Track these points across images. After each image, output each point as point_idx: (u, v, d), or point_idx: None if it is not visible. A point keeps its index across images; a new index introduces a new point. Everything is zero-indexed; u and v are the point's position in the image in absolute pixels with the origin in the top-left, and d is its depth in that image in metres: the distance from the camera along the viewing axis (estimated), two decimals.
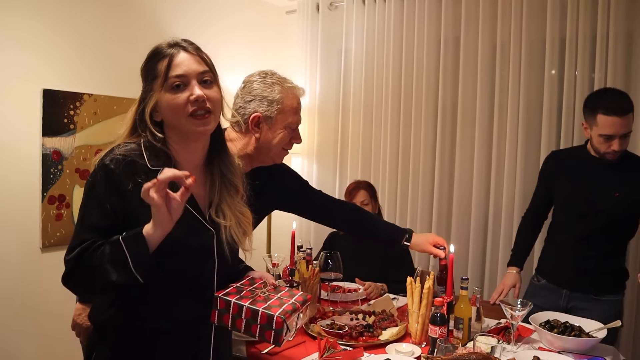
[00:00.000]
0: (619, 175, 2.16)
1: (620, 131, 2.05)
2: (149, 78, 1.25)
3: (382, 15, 3.41)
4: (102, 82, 2.79)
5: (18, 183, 2.51)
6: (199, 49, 1.27)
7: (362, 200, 2.68)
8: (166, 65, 1.21)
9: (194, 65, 1.22)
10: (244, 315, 1.18)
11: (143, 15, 3.00)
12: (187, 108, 1.20)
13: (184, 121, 1.21)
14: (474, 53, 3.06)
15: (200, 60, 1.24)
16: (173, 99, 1.20)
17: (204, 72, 1.23)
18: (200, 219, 1.26)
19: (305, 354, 1.68)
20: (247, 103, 1.65)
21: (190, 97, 1.19)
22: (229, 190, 1.32)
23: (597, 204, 2.17)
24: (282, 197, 1.95)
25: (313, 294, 2.17)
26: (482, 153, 3.05)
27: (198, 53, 1.25)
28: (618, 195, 2.14)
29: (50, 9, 2.57)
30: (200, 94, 1.20)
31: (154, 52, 1.25)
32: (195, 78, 1.22)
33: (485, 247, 3.07)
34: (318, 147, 3.72)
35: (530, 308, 1.75)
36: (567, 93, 2.76)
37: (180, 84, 1.20)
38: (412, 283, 1.89)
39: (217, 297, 1.21)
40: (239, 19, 3.56)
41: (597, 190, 2.17)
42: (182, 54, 1.22)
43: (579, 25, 2.71)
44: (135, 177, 1.16)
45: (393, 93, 3.37)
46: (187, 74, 1.21)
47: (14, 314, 2.51)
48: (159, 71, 1.21)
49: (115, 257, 1.10)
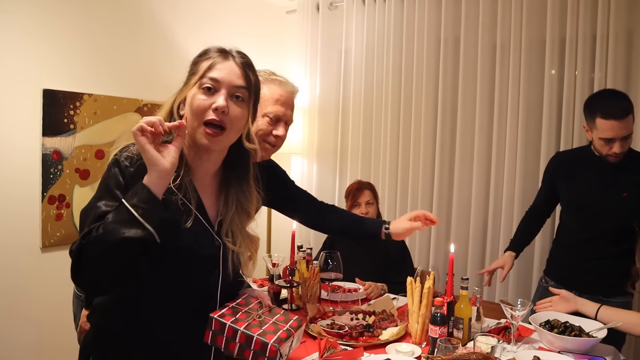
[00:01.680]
0: (626, 175, 2.14)
1: (619, 134, 2.04)
2: (190, 73, 1.24)
3: (382, 15, 3.41)
4: (102, 82, 2.79)
5: (18, 183, 2.51)
6: (249, 65, 1.24)
7: (367, 200, 2.68)
8: (208, 66, 1.19)
9: (232, 76, 1.19)
10: (238, 340, 1.18)
11: (143, 14, 3.00)
12: (206, 114, 1.17)
13: (196, 125, 1.18)
14: (474, 53, 3.06)
15: (242, 74, 1.21)
16: (198, 98, 1.18)
17: (239, 87, 1.20)
18: (209, 228, 1.25)
19: (305, 354, 1.68)
20: None
21: (212, 104, 1.17)
22: (240, 215, 1.30)
23: (605, 204, 2.16)
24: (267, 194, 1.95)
25: (313, 294, 2.17)
26: (482, 153, 3.05)
27: (244, 67, 1.22)
28: (626, 195, 2.12)
29: (50, 9, 2.57)
30: (222, 104, 1.16)
31: (204, 51, 1.25)
32: (227, 88, 1.19)
33: (485, 247, 3.07)
34: (318, 147, 3.72)
35: (530, 308, 1.75)
36: (567, 93, 2.76)
37: (211, 87, 1.18)
38: (412, 283, 1.89)
39: (212, 318, 1.20)
40: (239, 19, 3.56)
41: (604, 191, 2.16)
42: (227, 62, 1.21)
43: (579, 25, 2.71)
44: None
45: (393, 93, 3.37)
46: (222, 80, 1.18)
47: (14, 313, 2.50)
48: (200, 69, 1.20)
49: (120, 214, 1.05)
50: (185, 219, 1.18)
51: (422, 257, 3.25)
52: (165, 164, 1.07)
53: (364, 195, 2.69)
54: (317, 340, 1.63)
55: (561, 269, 2.33)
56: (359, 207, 2.66)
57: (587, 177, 2.22)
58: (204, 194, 1.26)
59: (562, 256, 2.35)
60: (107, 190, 1.15)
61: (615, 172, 2.15)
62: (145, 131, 1.05)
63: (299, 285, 2.12)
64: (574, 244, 2.27)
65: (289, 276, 2.12)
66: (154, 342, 1.21)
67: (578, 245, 2.25)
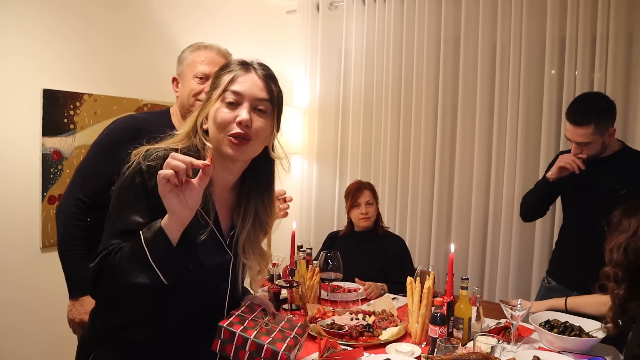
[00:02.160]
0: (624, 173, 2.16)
1: (576, 139, 2.11)
2: (212, 87, 1.23)
3: (382, 15, 3.41)
4: (102, 82, 2.79)
5: (18, 183, 2.51)
6: (271, 77, 1.24)
7: (367, 200, 2.67)
8: (229, 80, 1.19)
9: (254, 89, 1.19)
10: (248, 348, 1.19)
11: (143, 15, 3.00)
12: (230, 127, 1.17)
13: (221, 138, 1.17)
14: (474, 53, 3.06)
15: (265, 87, 1.21)
16: (222, 112, 1.17)
17: (261, 100, 1.20)
18: (222, 241, 1.24)
19: (305, 354, 1.68)
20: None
21: (236, 118, 1.16)
22: (255, 230, 1.29)
23: (604, 203, 2.13)
24: None
25: (313, 294, 2.17)
26: (482, 153, 3.05)
27: (266, 80, 1.21)
28: (625, 193, 2.12)
29: (50, 9, 2.57)
30: (246, 117, 1.16)
31: (225, 64, 1.24)
32: (250, 102, 1.18)
33: (485, 247, 3.07)
34: (318, 147, 3.72)
35: (530, 308, 1.75)
36: (567, 93, 2.76)
37: (234, 101, 1.18)
38: (412, 283, 1.89)
39: (221, 327, 1.21)
40: (239, 19, 3.56)
41: (603, 190, 2.18)
42: (249, 75, 1.20)
43: (579, 25, 2.71)
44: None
45: (393, 93, 3.37)
46: (244, 93, 1.18)
47: (13, 313, 2.50)
48: (221, 83, 1.20)
49: (135, 252, 1.05)
50: (201, 231, 1.18)
51: (422, 257, 3.25)
52: (185, 214, 1.05)
53: (364, 196, 2.68)
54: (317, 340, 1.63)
55: (563, 268, 2.33)
56: (359, 207, 2.66)
57: (586, 176, 2.23)
58: (220, 206, 1.25)
59: (563, 256, 2.35)
60: (130, 199, 1.13)
61: (614, 170, 2.17)
62: (172, 180, 1.01)
63: (299, 285, 2.12)
64: (576, 244, 2.28)
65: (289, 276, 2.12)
66: (159, 350, 1.20)
67: (579, 245, 2.26)
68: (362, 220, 2.65)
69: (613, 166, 2.18)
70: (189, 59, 1.82)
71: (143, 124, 1.73)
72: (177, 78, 1.86)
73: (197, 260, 1.17)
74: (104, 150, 1.71)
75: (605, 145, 2.17)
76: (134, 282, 1.04)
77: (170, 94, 2.02)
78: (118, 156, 1.26)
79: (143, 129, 1.64)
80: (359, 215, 2.65)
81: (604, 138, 2.13)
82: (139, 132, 1.60)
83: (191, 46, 1.86)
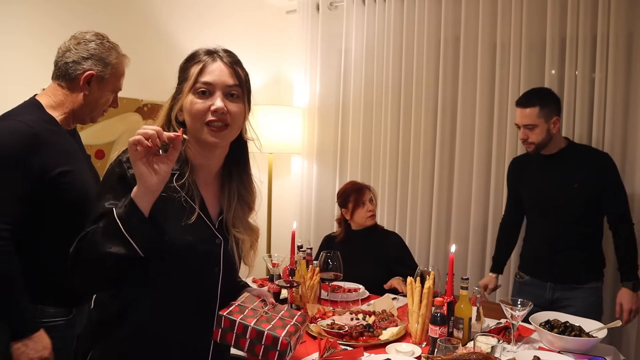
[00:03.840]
0: (574, 168, 2.32)
1: (521, 122, 2.32)
2: (181, 79, 1.27)
3: (382, 15, 3.41)
4: None
5: None
6: (236, 62, 1.28)
7: (370, 198, 2.69)
8: (198, 71, 1.23)
9: (224, 77, 1.24)
10: (249, 335, 1.20)
11: (143, 15, 3.00)
12: (206, 116, 1.21)
13: (199, 127, 1.22)
14: (474, 53, 3.06)
15: (232, 73, 1.25)
16: (195, 103, 1.22)
17: (232, 86, 1.24)
18: (210, 226, 1.27)
19: (305, 354, 1.68)
20: (83, 60, 1.67)
21: (211, 107, 1.21)
22: (242, 207, 1.34)
23: (560, 197, 2.33)
24: None
25: (313, 294, 2.17)
26: (482, 153, 3.05)
27: (232, 66, 1.26)
28: (577, 186, 2.28)
29: (49, 9, 2.57)
30: (220, 105, 1.21)
31: (191, 55, 1.28)
32: (222, 89, 1.23)
33: (485, 247, 3.07)
34: (318, 147, 3.72)
35: (530, 308, 1.75)
36: (567, 93, 2.76)
37: (206, 90, 1.22)
38: (412, 283, 1.89)
39: (221, 316, 1.22)
40: (239, 19, 3.56)
41: (556, 185, 2.34)
42: (216, 63, 1.24)
43: (579, 25, 2.71)
44: None
45: (393, 93, 3.37)
46: (214, 83, 1.22)
47: None
48: (191, 75, 1.24)
49: (108, 224, 1.08)
50: (188, 216, 1.21)
51: (422, 257, 3.24)
52: (152, 181, 1.09)
53: (366, 194, 2.69)
54: (317, 340, 1.63)
55: (532, 262, 2.46)
56: (364, 205, 2.66)
57: (539, 175, 2.41)
58: (206, 192, 1.29)
59: (531, 251, 2.49)
60: (108, 188, 1.18)
61: (565, 165, 2.34)
62: (142, 144, 1.06)
63: (299, 285, 2.12)
64: (541, 239, 2.42)
65: (289, 276, 2.12)
66: (154, 338, 1.22)
67: (543, 239, 2.41)
68: (370, 218, 2.67)
69: (562, 161, 2.34)
70: (116, 66, 1.73)
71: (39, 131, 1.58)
72: (95, 75, 1.68)
73: (188, 245, 1.20)
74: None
75: (550, 136, 2.32)
76: (108, 252, 1.07)
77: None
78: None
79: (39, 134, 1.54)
80: (366, 214, 2.65)
81: (548, 125, 2.30)
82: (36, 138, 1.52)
83: (114, 47, 1.75)
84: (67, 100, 1.69)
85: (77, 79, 1.67)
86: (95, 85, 1.68)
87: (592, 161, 2.32)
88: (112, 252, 1.07)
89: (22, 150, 1.49)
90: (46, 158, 1.53)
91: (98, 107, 1.74)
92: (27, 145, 1.50)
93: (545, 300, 2.32)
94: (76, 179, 1.59)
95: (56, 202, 1.55)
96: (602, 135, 2.67)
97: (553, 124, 2.30)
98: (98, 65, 1.67)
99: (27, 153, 1.49)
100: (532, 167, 2.46)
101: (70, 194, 1.56)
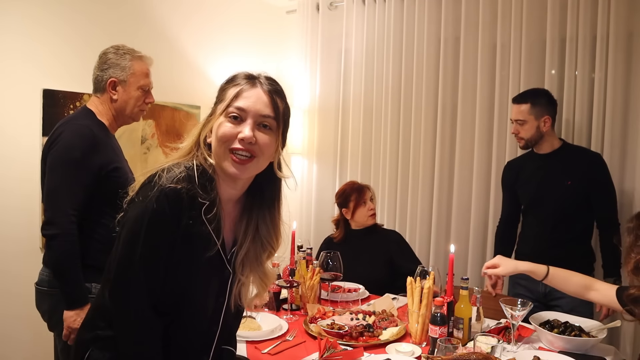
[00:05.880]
0: (567, 166, 2.39)
1: (516, 117, 2.45)
2: (217, 100, 1.21)
3: (382, 15, 3.41)
4: None
5: (18, 183, 2.51)
6: (277, 92, 1.20)
7: (370, 197, 2.70)
8: (235, 94, 1.16)
9: (259, 105, 1.16)
10: None
11: (143, 15, 3.00)
12: (232, 143, 1.14)
13: (222, 153, 1.15)
14: (474, 53, 3.06)
15: (270, 103, 1.17)
16: (224, 127, 1.15)
17: (266, 116, 1.17)
18: (223, 256, 1.22)
19: (305, 354, 1.68)
20: (104, 71, 1.93)
21: (239, 134, 1.14)
22: (256, 246, 1.26)
23: (552, 195, 2.41)
24: None
25: (313, 294, 2.17)
26: (482, 153, 3.05)
27: (272, 95, 1.18)
28: (570, 183, 2.36)
29: (50, 9, 2.57)
30: (249, 135, 1.13)
31: (232, 77, 1.21)
32: (254, 118, 1.16)
33: (485, 247, 3.07)
34: (318, 147, 3.72)
35: (530, 308, 1.75)
36: (567, 93, 2.76)
37: (238, 116, 1.15)
38: (412, 283, 1.89)
39: None
40: (239, 19, 3.56)
41: (549, 183, 2.42)
42: (255, 90, 1.17)
43: (579, 25, 2.70)
44: (190, 212, 1.12)
45: (393, 93, 3.37)
46: (248, 109, 1.15)
47: (13, 313, 2.50)
48: (226, 97, 1.17)
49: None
50: (207, 249, 1.16)
51: (422, 257, 3.24)
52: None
53: (367, 193, 2.69)
54: (317, 340, 1.63)
55: (526, 258, 2.43)
56: (365, 204, 2.66)
57: (534, 174, 2.48)
58: (223, 220, 1.21)
59: (526, 246, 2.55)
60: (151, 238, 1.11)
61: (558, 164, 2.41)
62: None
63: (299, 285, 2.12)
64: (534, 235, 2.50)
65: (289, 276, 2.13)
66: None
67: (537, 236, 2.48)
68: (371, 217, 2.67)
69: (555, 161, 2.42)
70: (133, 67, 1.95)
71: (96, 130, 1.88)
72: (116, 81, 1.93)
73: (199, 276, 1.18)
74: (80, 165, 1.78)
75: (540, 133, 2.41)
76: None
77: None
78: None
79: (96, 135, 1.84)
80: (368, 213, 2.66)
81: (538, 123, 2.40)
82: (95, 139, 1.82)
83: (129, 52, 1.98)
84: (106, 108, 1.94)
85: (105, 89, 1.93)
86: (120, 89, 1.93)
87: (584, 161, 2.39)
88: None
89: (86, 149, 1.78)
90: (104, 156, 1.83)
91: (130, 107, 1.96)
92: (90, 145, 1.79)
93: (539, 294, 2.40)
94: (124, 173, 1.91)
95: (107, 191, 1.79)
96: (601, 135, 2.67)
97: (544, 122, 2.40)
98: (116, 71, 1.92)
99: (90, 152, 1.78)
100: (527, 167, 2.53)
101: (119, 185, 1.74)
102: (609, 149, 2.63)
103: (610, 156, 2.62)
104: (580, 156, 2.43)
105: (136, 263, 1.09)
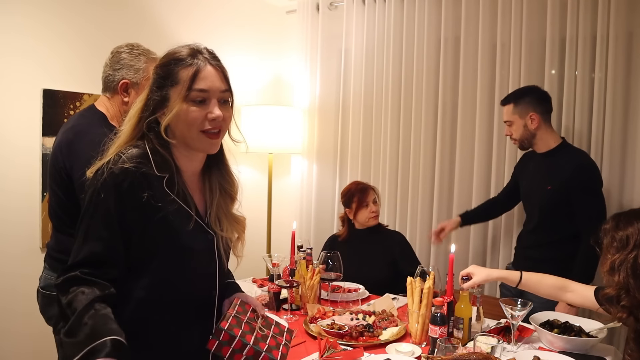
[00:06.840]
0: (553, 168, 2.34)
1: (503, 118, 2.49)
2: (166, 82, 1.22)
3: (382, 15, 3.41)
4: None
5: (18, 183, 2.51)
6: (220, 62, 1.26)
7: (373, 199, 2.69)
8: (191, 76, 1.19)
9: (217, 82, 1.22)
10: (246, 353, 1.22)
11: (143, 15, 3.00)
12: (203, 124, 1.20)
13: (195, 135, 1.21)
14: (474, 53, 3.06)
15: (223, 77, 1.24)
16: (192, 112, 1.19)
17: (225, 91, 1.23)
18: (203, 224, 1.28)
19: (305, 354, 1.68)
20: (116, 71, 1.82)
21: (208, 115, 1.20)
22: (225, 200, 1.34)
23: (534, 197, 2.43)
24: None
25: (313, 294, 2.17)
26: (482, 153, 3.05)
27: (221, 68, 1.25)
28: (550, 189, 2.32)
29: (50, 9, 2.57)
30: (219, 114, 1.20)
31: (176, 57, 1.24)
32: (217, 96, 1.22)
33: (486, 247, 3.07)
34: (318, 147, 3.72)
35: (530, 308, 1.75)
36: (567, 93, 2.76)
37: (203, 99, 1.20)
38: (412, 283, 1.89)
39: (222, 330, 1.21)
40: (239, 19, 3.56)
41: (534, 185, 2.43)
42: (208, 68, 1.21)
43: (579, 25, 2.70)
44: (147, 188, 1.16)
45: (393, 93, 3.36)
46: (210, 89, 1.20)
47: (13, 314, 2.50)
48: (181, 79, 1.20)
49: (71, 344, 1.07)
50: (186, 222, 1.22)
51: (422, 257, 3.24)
52: None
53: (370, 195, 2.69)
54: (317, 340, 1.63)
55: (519, 259, 2.56)
56: (368, 206, 2.65)
57: (529, 173, 2.50)
58: (193, 192, 1.29)
59: (520, 248, 2.58)
60: (103, 210, 1.16)
61: (548, 166, 2.37)
62: None
63: (299, 285, 2.12)
64: (523, 232, 2.55)
65: (289, 276, 2.13)
66: (158, 336, 1.23)
67: (524, 233, 2.54)
68: (373, 219, 2.67)
69: (548, 161, 2.38)
70: (147, 69, 1.80)
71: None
72: (129, 83, 1.83)
73: (187, 249, 1.23)
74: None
75: (529, 132, 2.38)
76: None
77: None
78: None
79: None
80: (370, 215, 2.66)
81: (525, 121, 2.37)
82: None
83: (144, 53, 1.86)
84: (116, 111, 1.84)
85: (116, 89, 1.82)
86: (132, 92, 1.81)
87: (569, 167, 2.27)
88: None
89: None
90: None
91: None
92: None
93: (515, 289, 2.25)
94: None
95: None
96: (601, 135, 2.67)
97: (530, 120, 2.37)
98: (130, 73, 1.81)
99: None
100: (530, 163, 2.53)
101: None
102: (608, 149, 2.63)
103: (610, 156, 2.62)
104: (568, 160, 2.31)
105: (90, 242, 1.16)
